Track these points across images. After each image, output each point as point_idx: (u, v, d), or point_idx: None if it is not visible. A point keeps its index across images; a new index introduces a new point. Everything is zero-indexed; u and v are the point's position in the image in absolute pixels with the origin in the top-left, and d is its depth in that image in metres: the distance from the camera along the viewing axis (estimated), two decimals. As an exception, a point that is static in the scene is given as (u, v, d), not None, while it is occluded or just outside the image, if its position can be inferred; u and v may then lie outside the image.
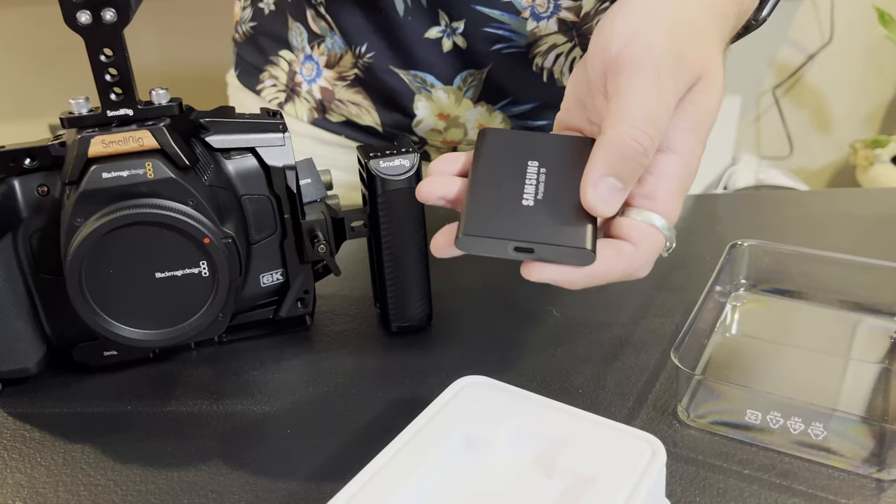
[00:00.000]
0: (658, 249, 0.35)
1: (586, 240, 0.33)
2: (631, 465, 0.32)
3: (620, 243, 0.34)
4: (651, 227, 0.34)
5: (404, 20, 0.57)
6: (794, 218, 0.63)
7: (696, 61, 0.35)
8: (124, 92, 0.38)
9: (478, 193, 0.35)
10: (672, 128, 0.35)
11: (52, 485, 0.38)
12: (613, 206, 0.33)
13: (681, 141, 0.35)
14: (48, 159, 0.40)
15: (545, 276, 0.33)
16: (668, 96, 0.34)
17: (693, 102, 0.35)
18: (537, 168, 0.35)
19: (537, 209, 0.34)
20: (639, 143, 0.33)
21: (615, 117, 0.34)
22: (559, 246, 0.32)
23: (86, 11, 0.36)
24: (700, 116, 0.35)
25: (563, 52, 0.59)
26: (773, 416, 0.37)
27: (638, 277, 0.35)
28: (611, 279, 0.34)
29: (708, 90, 0.35)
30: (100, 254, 0.38)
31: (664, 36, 0.35)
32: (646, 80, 0.34)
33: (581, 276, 0.33)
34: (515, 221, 0.33)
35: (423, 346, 0.48)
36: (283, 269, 0.46)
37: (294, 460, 0.39)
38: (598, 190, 0.33)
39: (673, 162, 0.35)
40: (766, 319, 0.50)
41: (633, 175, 0.34)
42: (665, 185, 0.35)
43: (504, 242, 0.33)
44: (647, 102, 0.34)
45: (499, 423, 0.35)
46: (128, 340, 0.40)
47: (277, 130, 0.43)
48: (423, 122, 0.63)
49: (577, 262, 0.33)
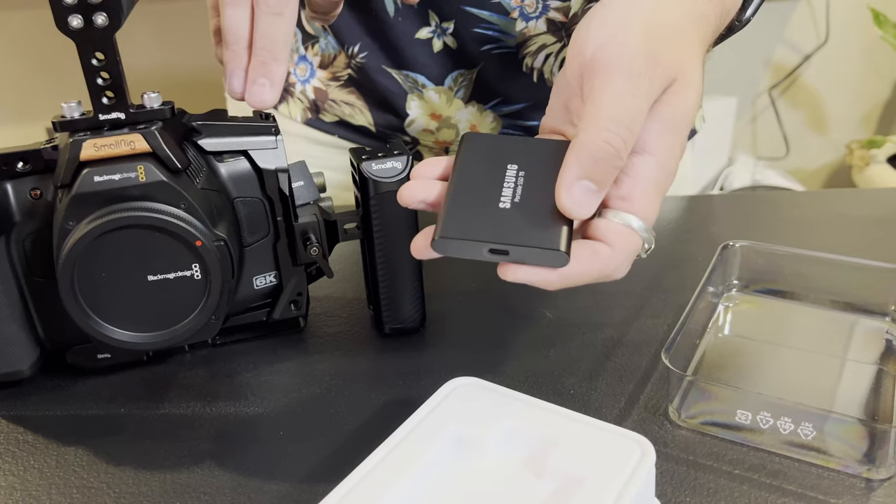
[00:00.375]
0: (634, 251, 0.35)
1: (560, 242, 0.33)
2: (620, 465, 0.32)
3: (596, 244, 0.34)
4: (627, 228, 0.35)
5: (395, 21, 0.57)
6: (789, 218, 0.64)
7: (672, 63, 0.35)
8: (116, 96, 0.39)
9: (456, 196, 0.35)
10: (647, 129, 0.35)
11: (45, 487, 0.38)
12: (588, 209, 0.34)
13: (657, 142, 0.35)
14: (41, 163, 0.40)
15: (520, 276, 0.33)
16: (641, 98, 0.34)
17: (668, 104, 0.35)
18: (516, 171, 0.36)
19: (513, 212, 0.34)
20: (611, 145, 0.33)
21: (588, 120, 0.34)
22: (533, 248, 0.33)
23: (77, 16, 0.36)
24: (676, 117, 0.35)
25: (553, 53, 0.59)
26: (763, 416, 0.37)
27: (615, 279, 0.35)
28: (587, 280, 0.34)
29: (683, 91, 0.35)
30: (92, 257, 0.38)
31: (639, 38, 0.35)
32: (619, 82, 0.34)
33: (556, 277, 0.33)
34: (491, 224, 0.34)
35: (416, 347, 0.48)
36: (276, 272, 0.46)
37: (287, 462, 0.39)
38: (573, 193, 0.33)
39: (649, 163, 0.35)
40: (758, 320, 0.50)
41: (607, 177, 0.34)
42: (641, 187, 0.35)
43: (479, 244, 0.33)
44: (620, 104, 0.34)
45: (489, 424, 0.35)
46: (120, 343, 0.40)
47: (270, 133, 0.44)
48: (415, 121, 0.63)
49: (552, 264, 0.33)
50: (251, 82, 0.39)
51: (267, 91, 0.39)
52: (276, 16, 0.38)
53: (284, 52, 0.39)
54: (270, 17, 0.38)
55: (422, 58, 0.59)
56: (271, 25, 0.38)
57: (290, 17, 0.38)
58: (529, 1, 0.55)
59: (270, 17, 0.38)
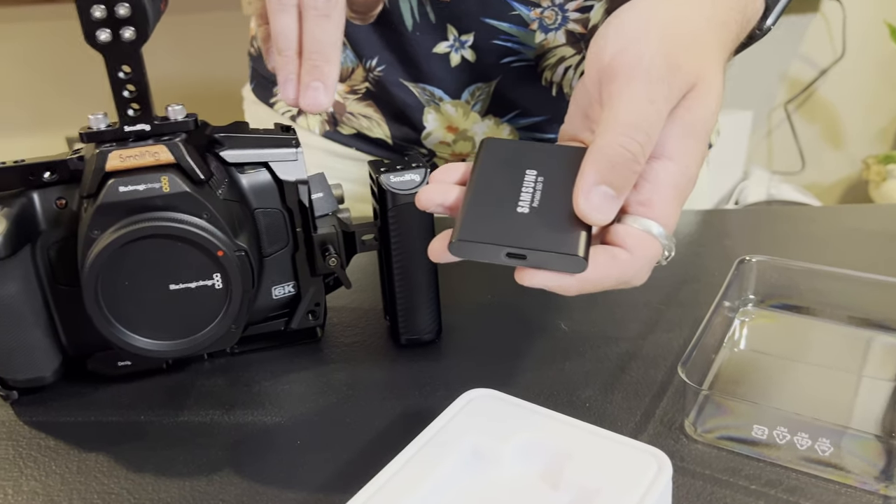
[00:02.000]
0: (654, 257, 0.35)
1: (578, 247, 0.33)
2: (637, 478, 0.32)
3: (616, 250, 0.34)
4: (647, 234, 0.34)
5: (413, 35, 0.58)
6: (805, 233, 0.63)
7: (691, 68, 0.35)
8: (142, 108, 0.39)
9: (474, 200, 0.35)
10: (667, 135, 0.35)
11: (67, 493, 0.39)
12: (607, 214, 0.33)
13: (677, 147, 0.35)
14: (66, 173, 0.41)
15: (537, 281, 0.33)
16: (659, 103, 0.34)
17: (688, 109, 0.35)
18: (535, 177, 0.36)
19: (532, 216, 0.34)
20: (628, 150, 0.33)
21: (605, 125, 0.34)
22: (551, 252, 0.32)
23: (105, 30, 0.37)
24: (696, 123, 0.35)
25: (572, 65, 0.59)
26: (779, 431, 0.37)
27: (634, 285, 0.35)
28: (605, 286, 0.34)
29: (703, 96, 0.35)
30: (116, 266, 0.39)
31: (657, 44, 0.35)
32: (636, 87, 0.34)
33: (574, 282, 0.33)
34: (509, 228, 0.34)
35: (431, 358, 0.48)
36: (294, 282, 0.47)
37: (304, 471, 0.39)
38: (591, 198, 0.33)
39: (669, 168, 0.35)
40: (774, 335, 0.50)
41: (625, 182, 0.34)
42: (661, 192, 0.35)
43: (497, 248, 0.33)
44: (637, 109, 0.34)
45: (506, 436, 0.35)
46: (142, 351, 0.40)
47: (290, 145, 0.44)
48: (432, 134, 0.63)
49: (569, 269, 0.33)
50: (304, 87, 0.39)
51: (321, 94, 0.39)
52: (323, 18, 0.38)
53: (335, 53, 0.39)
54: (318, 20, 0.38)
55: (439, 72, 0.59)
56: (319, 28, 0.38)
57: (337, 18, 0.38)
58: (549, 13, 0.56)
59: (318, 20, 0.38)
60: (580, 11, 0.57)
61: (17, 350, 0.43)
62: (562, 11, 0.56)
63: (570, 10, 0.56)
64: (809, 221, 0.68)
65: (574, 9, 0.56)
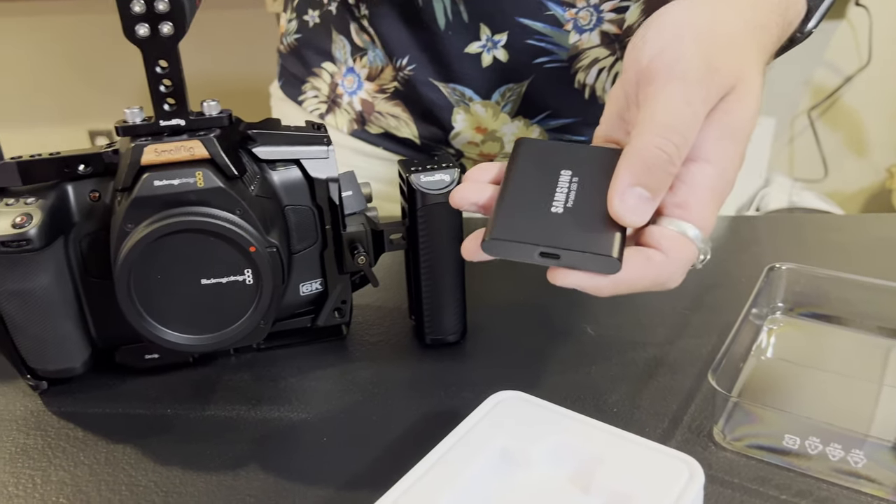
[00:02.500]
0: (690, 260, 0.34)
1: (613, 247, 0.32)
2: (668, 485, 0.32)
3: (650, 251, 0.34)
4: (683, 236, 0.34)
5: (445, 34, 0.58)
6: (831, 242, 0.63)
7: (730, 70, 0.35)
8: (177, 103, 0.40)
9: (508, 199, 0.35)
10: (705, 137, 0.35)
11: (95, 483, 0.39)
12: (642, 216, 0.33)
13: (714, 150, 0.35)
14: (101, 166, 0.42)
15: (570, 281, 0.33)
16: (696, 105, 0.34)
17: (727, 111, 0.35)
18: (570, 177, 0.36)
19: (566, 216, 0.34)
20: (663, 152, 0.33)
21: (641, 126, 0.34)
22: (585, 252, 0.32)
23: (144, 24, 0.37)
24: (735, 125, 0.35)
25: (606, 67, 0.59)
26: (811, 441, 0.37)
27: (668, 288, 0.35)
28: (639, 288, 0.34)
29: (742, 99, 0.35)
30: (149, 259, 0.39)
31: (695, 46, 0.35)
32: (673, 88, 0.34)
33: (608, 283, 0.33)
34: (543, 227, 0.33)
35: (456, 359, 0.48)
36: (322, 279, 0.47)
37: (330, 468, 0.39)
38: (626, 200, 0.33)
39: (706, 171, 0.35)
40: (802, 344, 0.49)
41: (660, 184, 0.33)
42: (698, 195, 0.35)
43: (530, 247, 0.33)
44: (674, 111, 0.33)
45: (535, 439, 0.35)
46: (172, 345, 0.41)
47: (322, 143, 0.44)
48: (460, 134, 0.63)
49: (603, 270, 0.32)
50: None
51: None
52: None
53: None
54: None
55: (470, 72, 0.59)
56: None
57: None
58: (584, 13, 0.55)
59: None
60: (615, 12, 0.56)
61: (48, 341, 0.43)
62: (597, 12, 0.56)
63: (605, 11, 0.56)
64: (836, 230, 0.67)
65: (609, 9, 0.56)
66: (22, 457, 0.41)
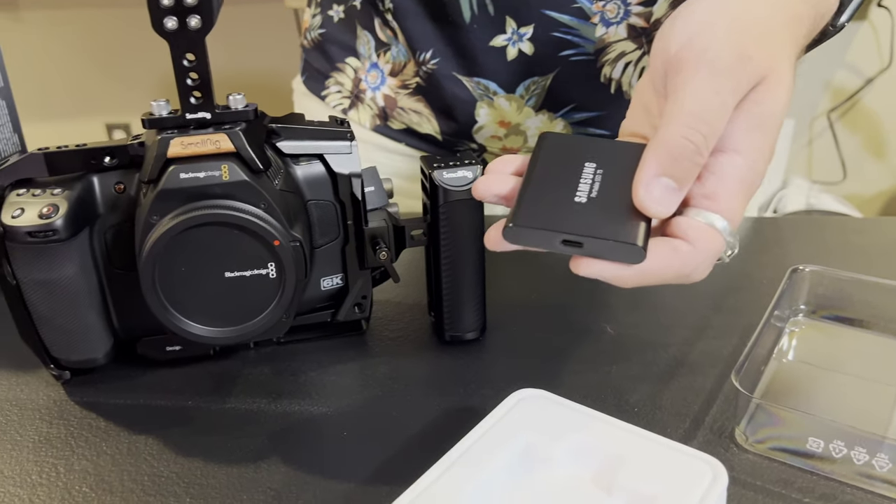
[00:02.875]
0: (717, 252, 0.34)
1: (638, 236, 0.32)
2: (691, 486, 0.32)
3: (676, 242, 0.33)
4: (711, 227, 0.33)
5: (470, 27, 0.58)
6: (852, 244, 0.62)
7: (761, 60, 0.34)
8: (203, 96, 0.40)
9: (531, 188, 0.35)
10: (735, 128, 0.34)
11: (118, 473, 0.39)
12: (668, 207, 0.33)
13: (744, 140, 0.34)
14: (126, 158, 0.42)
15: (594, 271, 0.32)
16: (725, 94, 0.33)
17: (757, 102, 0.34)
18: (594, 169, 0.35)
19: (590, 206, 0.33)
20: (691, 142, 0.32)
21: (669, 116, 0.33)
22: (609, 241, 0.32)
23: (172, 17, 0.37)
24: (765, 116, 0.34)
25: (632, 61, 0.58)
26: (836, 444, 0.36)
27: (693, 280, 0.34)
28: (664, 279, 0.33)
29: (773, 89, 0.34)
30: (173, 251, 0.39)
31: (725, 35, 0.34)
32: (702, 78, 0.33)
33: (632, 273, 0.32)
34: (566, 215, 0.33)
35: (475, 356, 0.48)
36: (342, 274, 0.47)
37: (351, 462, 0.39)
38: (651, 190, 0.32)
39: (736, 162, 0.34)
40: (824, 347, 0.49)
41: (687, 175, 0.33)
42: (727, 185, 0.34)
43: (553, 235, 0.32)
44: (701, 100, 0.33)
45: (558, 437, 0.35)
46: (195, 337, 0.41)
47: (345, 139, 0.44)
48: (483, 128, 0.63)
49: (627, 260, 0.32)
50: None
51: None
52: None
53: None
54: None
55: (495, 65, 0.59)
56: None
57: None
58: (611, 6, 0.55)
59: None
60: (643, 5, 0.56)
61: (72, 331, 0.43)
62: (624, 5, 0.56)
63: (632, 4, 0.56)
64: (857, 232, 0.66)
65: (637, 2, 0.56)
66: (45, 445, 0.41)
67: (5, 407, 0.44)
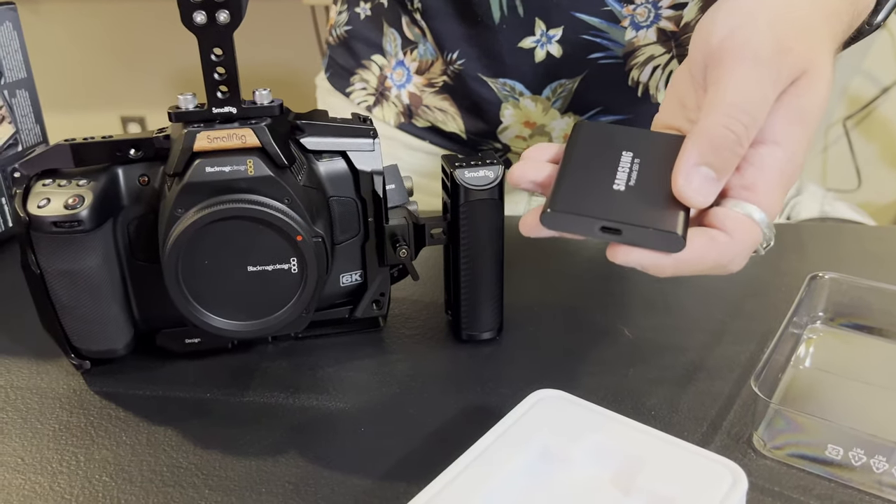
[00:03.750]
0: (754, 243, 0.34)
1: (677, 225, 0.32)
2: (711, 490, 0.32)
3: (714, 232, 0.33)
4: (749, 218, 0.33)
5: (499, 28, 0.58)
6: (869, 253, 0.62)
7: (802, 54, 0.34)
8: (230, 90, 0.40)
9: (568, 174, 0.35)
10: (775, 120, 0.34)
11: (137, 463, 0.39)
12: (706, 197, 0.33)
13: (784, 133, 0.34)
14: (151, 151, 0.42)
15: (632, 259, 0.32)
16: (766, 86, 0.33)
17: (797, 95, 0.34)
18: (631, 158, 0.35)
19: (628, 194, 0.33)
20: (731, 131, 0.32)
21: (710, 106, 0.33)
22: (648, 228, 0.32)
23: (202, 12, 0.38)
24: (805, 109, 0.35)
25: (661, 65, 0.58)
26: (855, 452, 0.36)
27: (730, 271, 0.34)
28: (701, 269, 0.33)
29: (813, 83, 0.34)
30: (197, 244, 0.39)
31: (766, 27, 0.34)
32: (744, 69, 0.33)
33: (670, 262, 0.32)
34: (605, 202, 0.33)
35: (492, 355, 0.48)
36: (362, 271, 0.47)
37: (368, 458, 0.40)
38: (691, 179, 0.32)
39: (775, 154, 0.34)
40: (842, 355, 0.49)
41: (727, 164, 0.33)
42: (767, 177, 0.34)
43: (591, 221, 0.32)
44: (743, 91, 0.33)
45: (576, 438, 0.35)
46: (217, 330, 0.41)
47: (368, 136, 0.45)
48: (508, 129, 0.63)
49: (666, 248, 0.32)
50: None
51: None
52: None
53: None
54: None
55: (522, 66, 0.59)
56: None
57: None
58: (641, 9, 0.55)
59: None
60: (673, 8, 0.56)
61: (93, 322, 0.44)
62: (655, 8, 0.56)
63: (663, 7, 0.56)
64: (874, 240, 0.66)
65: (668, 5, 0.56)
66: (65, 434, 0.42)
67: (26, 395, 0.45)
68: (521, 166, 0.36)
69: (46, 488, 0.38)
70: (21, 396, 0.45)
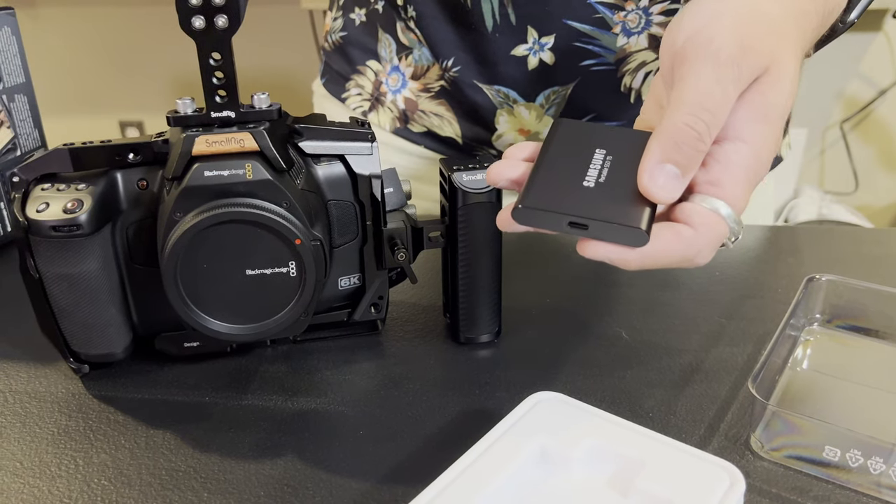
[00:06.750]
0: (720, 237, 0.34)
1: (641, 220, 0.33)
2: (708, 491, 0.32)
3: (680, 226, 0.34)
4: (714, 213, 0.34)
5: (492, 36, 0.58)
6: (867, 255, 0.62)
7: (765, 52, 0.35)
8: (228, 95, 0.40)
9: (541, 171, 0.36)
10: (738, 117, 0.35)
11: (136, 467, 0.39)
12: (671, 193, 0.33)
13: (748, 130, 0.35)
14: (150, 155, 0.42)
15: (599, 253, 0.33)
16: (726, 84, 0.34)
17: (761, 93, 0.35)
18: (604, 155, 0.36)
19: (597, 190, 0.34)
20: (693, 129, 0.33)
21: (672, 105, 0.34)
22: (613, 223, 0.33)
23: (200, 16, 0.38)
24: (769, 107, 0.35)
25: (653, 71, 0.59)
26: (853, 454, 0.36)
27: (696, 265, 0.35)
28: (667, 262, 0.34)
29: (777, 81, 0.35)
30: (196, 248, 0.39)
31: (730, 27, 0.35)
32: (703, 67, 0.34)
33: (635, 255, 0.33)
34: (574, 199, 0.34)
35: (490, 359, 0.48)
36: (360, 274, 0.47)
37: (367, 461, 0.40)
38: (655, 176, 0.33)
39: (741, 150, 0.35)
40: (839, 356, 0.49)
41: (690, 161, 0.33)
42: (732, 173, 0.35)
43: (560, 216, 0.33)
44: (703, 89, 0.34)
45: (574, 440, 0.35)
46: (216, 333, 0.41)
47: (366, 140, 0.45)
48: (503, 136, 0.63)
49: (631, 243, 0.33)
50: None
51: None
52: None
53: None
54: None
55: (515, 74, 0.60)
56: None
57: None
58: (633, 16, 0.56)
59: None
60: (664, 14, 0.56)
61: (92, 326, 0.44)
62: (646, 14, 0.56)
63: (654, 13, 0.56)
64: (871, 243, 0.66)
65: (658, 11, 0.56)
66: (64, 438, 0.42)
67: (25, 399, 0.45)
68: (499, 165, 0.37)
69: (45, 492, 0.38)
70: (20, 400, 0.45)
